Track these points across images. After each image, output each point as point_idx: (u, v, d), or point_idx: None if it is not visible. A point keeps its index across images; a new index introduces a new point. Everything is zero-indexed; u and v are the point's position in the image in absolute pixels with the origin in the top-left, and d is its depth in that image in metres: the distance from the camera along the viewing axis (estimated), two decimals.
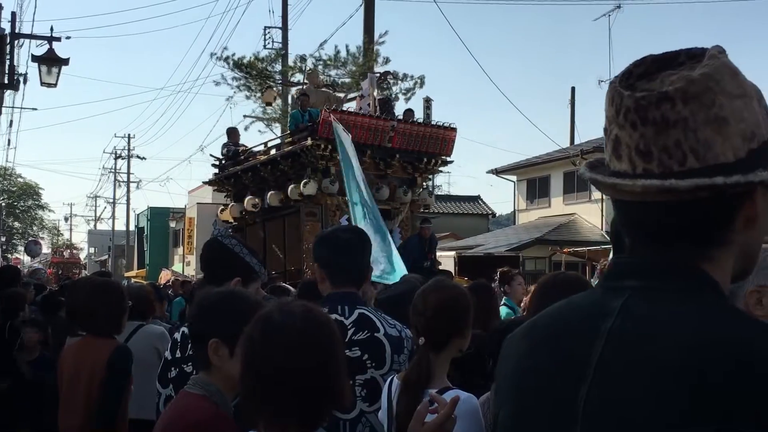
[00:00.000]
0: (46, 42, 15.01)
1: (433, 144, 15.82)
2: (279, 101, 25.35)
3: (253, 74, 26.32)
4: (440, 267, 15.56)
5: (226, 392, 2.62)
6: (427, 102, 17.63)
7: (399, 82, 24.46)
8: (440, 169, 16.73)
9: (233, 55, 26.24)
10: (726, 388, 1.05)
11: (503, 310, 6.71)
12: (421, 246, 14.28)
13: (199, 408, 2.51)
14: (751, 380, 1.05)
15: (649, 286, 1.20)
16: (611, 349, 1.16)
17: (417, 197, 16.26)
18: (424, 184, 17.54)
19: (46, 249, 76.46)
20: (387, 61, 25.06)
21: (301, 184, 15.28)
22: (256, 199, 16.67)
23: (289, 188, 15.47)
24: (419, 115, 17.00)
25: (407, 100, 24.75)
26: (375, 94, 16.24)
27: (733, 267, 1.24)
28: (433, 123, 16.35)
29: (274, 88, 24.87)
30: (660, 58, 1.23)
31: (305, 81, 20.32)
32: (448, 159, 16.49)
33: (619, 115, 1.19)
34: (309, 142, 15.05)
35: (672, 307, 1.16)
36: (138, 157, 57.88)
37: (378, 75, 18.61)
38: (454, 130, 16.08)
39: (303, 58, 26.00)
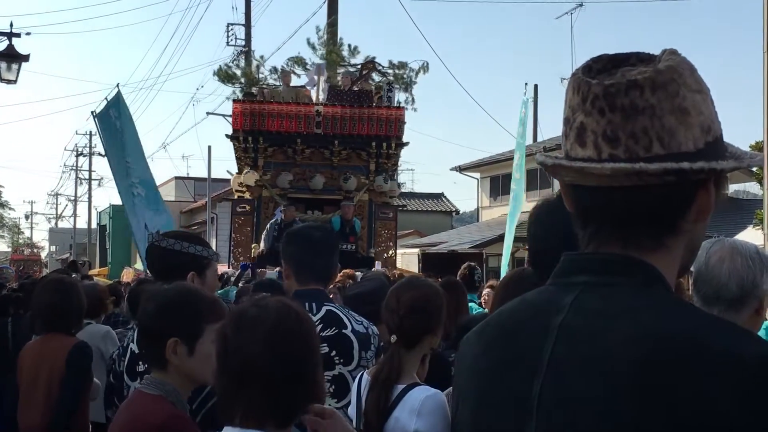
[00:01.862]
0: (5, 38, 14.80)
1: (378, 126, 15.00)
2: None
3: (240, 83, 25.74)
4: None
5: (182, 390, 2.62)
6: (389, 85, 16.67)
7: (399, 70, 23.30)
8: (393, 152, 15.73)
9: (229, 68, 25.63)
10: (675, 382, 1.07)
11: None
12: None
13: (157, 410, 2.50)
14: (701, 374, 1.07)
15: (600, 281, 1.22)
16: (563, 344, 1.19)
17: (371, 184, 15.33)
18: (391, 170, 16.66)
19: (5, 247, 75.37)
20: (355, 49, 24.49)
21: (232, 180, 15.30)
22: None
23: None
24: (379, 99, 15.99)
25: (406, 89, 23.60)
26: (322, 83, 15.71)
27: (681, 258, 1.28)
28: (376, 104, 15.44)
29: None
30: (614, 57, 1.27)
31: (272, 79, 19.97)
32: (402, 141, 15.64)
33: (585, 102, 1.21)
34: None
35: (623, 301, 1.19)
36: (100, 154, 57.16)
37: (360, 66, 18.05)
38: (400, 108, 15.32)
39: (298, 61, 25.22)
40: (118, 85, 13.55)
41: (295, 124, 14.64)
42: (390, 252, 15.75)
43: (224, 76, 24.93)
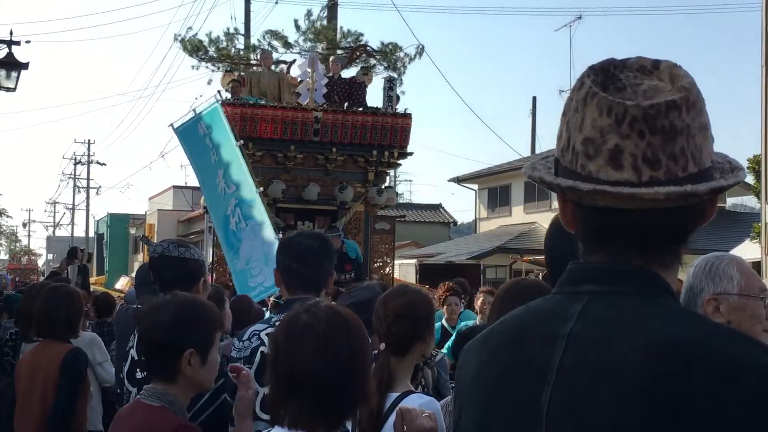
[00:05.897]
0: (5, 46, 14.81)
1: (383, 135, 13.61)
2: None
3: (208, 57, 23.34)
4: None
5: (184, 400, 2.63)
6: (390, 82, 14.87)
7: (392, 53, 21.86)
8: (399, 162, 14.40)
9: (194, 36, 23.33)
10: (685, 390, 1.08)
11: None
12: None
13: (163, 422, 2.51)
14: (711, 382, 1.08)
15: (607, 290, 1.22)
16: (571, 352, 1.19)
17: (366, 195, 13.94)
18: (388, 180, 15.48)
19: (3, 255, 75.32)
20: (348, 33, 22.80)
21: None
22: None
23: None
24: (379, 96, 14.60)
25: (394, 68, 22.15)
26: (315, 76, 14.14)
27: None
28: (383, 111, 14.02)
29: (235, 73, 22.41)
30: (605, 67, 1.25)
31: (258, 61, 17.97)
32: (406, 151, 14.22)
33: (621, 124, 1.17)
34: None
35: (630, 310, 1.18)
36: (98, 163, 57.25)
37: (349, 50, 17.25)
38: (408, 116, 13.84)
39: (277, 36, 23.03)
40: (219, 93, 12.13)
41: (291, 130, 13.24)
42: (387, 269, 14.52)
43: (190, 46, 22.48)
